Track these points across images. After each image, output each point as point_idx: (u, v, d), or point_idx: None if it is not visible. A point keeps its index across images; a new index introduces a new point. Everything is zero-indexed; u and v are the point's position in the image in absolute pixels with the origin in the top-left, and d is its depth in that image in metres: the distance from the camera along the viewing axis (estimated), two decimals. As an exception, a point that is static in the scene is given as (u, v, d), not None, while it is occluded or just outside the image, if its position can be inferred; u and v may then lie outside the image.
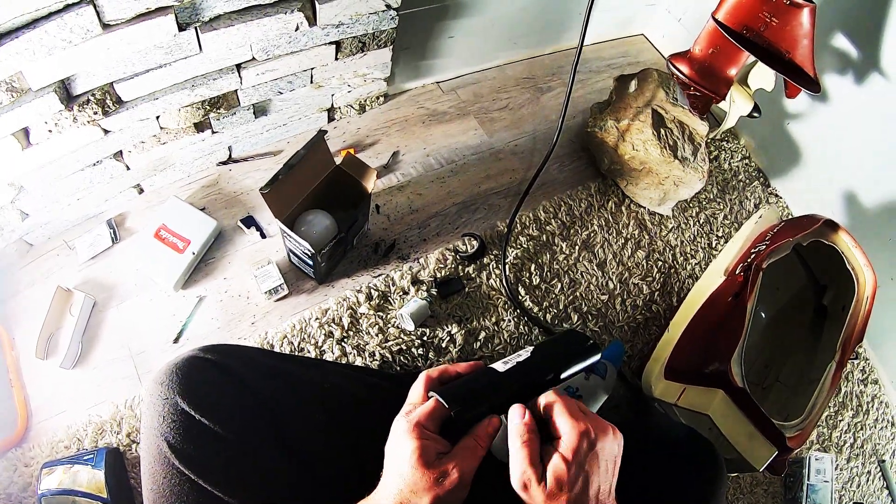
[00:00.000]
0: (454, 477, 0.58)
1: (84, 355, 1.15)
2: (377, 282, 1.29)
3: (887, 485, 1.58)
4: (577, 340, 0.71)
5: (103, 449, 1.03)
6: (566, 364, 0.68)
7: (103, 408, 1.11)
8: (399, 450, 0.60)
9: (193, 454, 0.70)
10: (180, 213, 1.26)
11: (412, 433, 0.59)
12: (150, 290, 1.23)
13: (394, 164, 1.46)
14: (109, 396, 1.12)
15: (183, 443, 0.70)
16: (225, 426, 0.72)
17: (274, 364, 0.84)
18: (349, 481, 0.79)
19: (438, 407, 0.62)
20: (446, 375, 0.68)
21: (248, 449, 0.73)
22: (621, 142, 1.45)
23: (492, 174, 1.51)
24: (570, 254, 1.43)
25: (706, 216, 1.61)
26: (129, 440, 1.08)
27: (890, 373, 1.66)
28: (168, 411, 0.71)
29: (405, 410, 0.64)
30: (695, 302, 1.30)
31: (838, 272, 1.31)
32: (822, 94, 1.49)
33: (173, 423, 0.71)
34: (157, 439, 0.71)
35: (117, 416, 1.10)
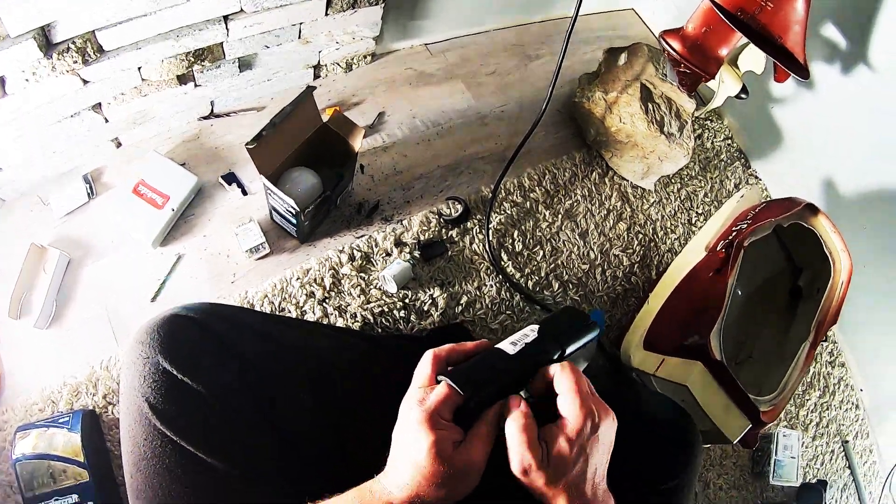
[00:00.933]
0: (471, 467, 0.58)
1: (58, 315, 1.12)
2: (360, 243, 1.28)
3: (850, 465, 1.63)
4: (579, 318, 0.70)
5: (79, 411, 1.00)
6: (570, 342, 0.67)
7: (79, 369, 1.08)
8: (414, 442, 0.58)
9: (175, 415, 0.68)
10: (160, 168, 1.23)
11: (427, 424, 0.58)
12: (127, 247, 1.19)
13: (379, 124, 1.44)
14: (85, 357, 1.09)
15: (164, 403, 0.68)
16: (207, 387, 0.70)
17: (257, 324, 0.82)
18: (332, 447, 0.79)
19: (451, 393, 0.60)
20: (454, 355, 0.66)
21: (232, 410, 0.71)
22: (608, 114, 1.45)
23: (477, 138, 1.50)
24: (552, 222, 1.44)
25: (687, 192, 1.63)
26: (105, 402, 1.06)
27: (857, 356, 1.72)
28: (149, 371, 0.69)
29: (417, 398, 0.61)
30: (676, 275, 1.32)
31: (815, 255, 1.34)
32: (809, 82, 1.50)
33: (154, 382, 0.69)
34: (138, 400, 0.68)
35: (93, 377, 1.07)
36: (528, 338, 0.66)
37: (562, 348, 0.66)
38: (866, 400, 1.72)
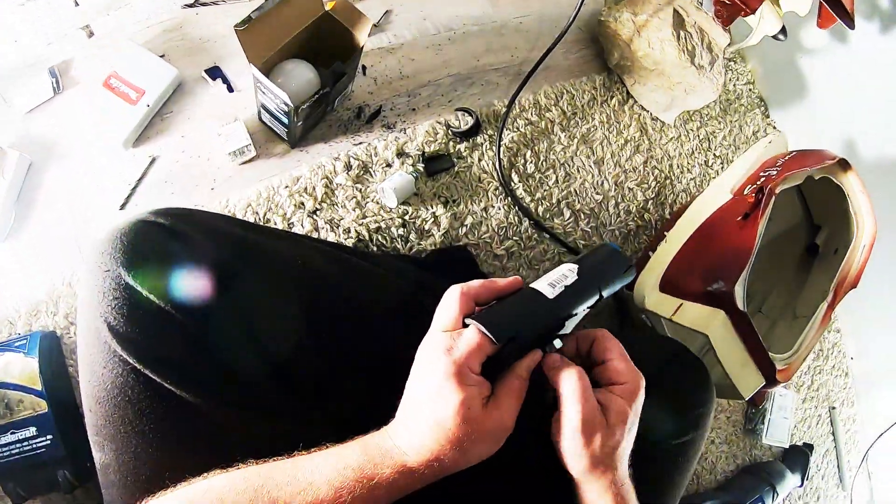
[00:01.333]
0: (500, 428, 0.53)
1: (17, 225, 1.01)
2: (358, 150, 1.17)
3: (833, 431, 1.63)
4: (619, 261, 0.66)
5: (38, 333, 0.91)
6: (609, 287, 0.63)
7: (39, 285, 0.98)
8: (439, 399, 0.51)
9: (139, 338, 0.57)
10: (135, 59, 1.10)
11: (455, 379, 0.51)
12: (96, 148, 1.07)
13: (385, 23, 1.31)
14: (46, 272, 0.99)
15: (126, 324, 0.57)
16: (179, 307, 0.58)
17: (238, 233, 0.69)
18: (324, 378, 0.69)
19: (484, 342, 0.53)
20: (484, 294, 0.58)
21: (206, 333, 0.60)
22: (636, 37, 1.34)
23: (493, 49, 1.38)
24: (567, 146, 1.34)
25: (706, 133, 1.54)
26: (67, 322, 0.96)
27: (852, 324, 1.69)
28: (109, 286, 0.58)
29: (444, 345, 0.53)
30: (697, 216, 1.24)
31: (837, 214, 1.28)
32: (844, 37, 1.41)
33: (115, 300, 0.57)
34: (96, 321, 0.58)
35: (54, 294, 0.97)
36: (567, 279, 0.60)
37: (600, 293, 0.62)
38: (856, 369, 1.71)
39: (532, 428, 0.58)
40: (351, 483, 0.50)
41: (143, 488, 0.57)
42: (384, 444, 0.53)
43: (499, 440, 0.53)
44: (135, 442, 0.57)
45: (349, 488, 0.49)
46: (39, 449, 0.84)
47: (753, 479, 1.39)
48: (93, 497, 0.90)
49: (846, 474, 1.63)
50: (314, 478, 0.50)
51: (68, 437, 0.86)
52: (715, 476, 1.41)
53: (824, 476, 1.60)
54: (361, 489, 0.50)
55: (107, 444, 0.58)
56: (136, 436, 0.57)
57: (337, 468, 0.51)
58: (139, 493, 0.56)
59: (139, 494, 0.56)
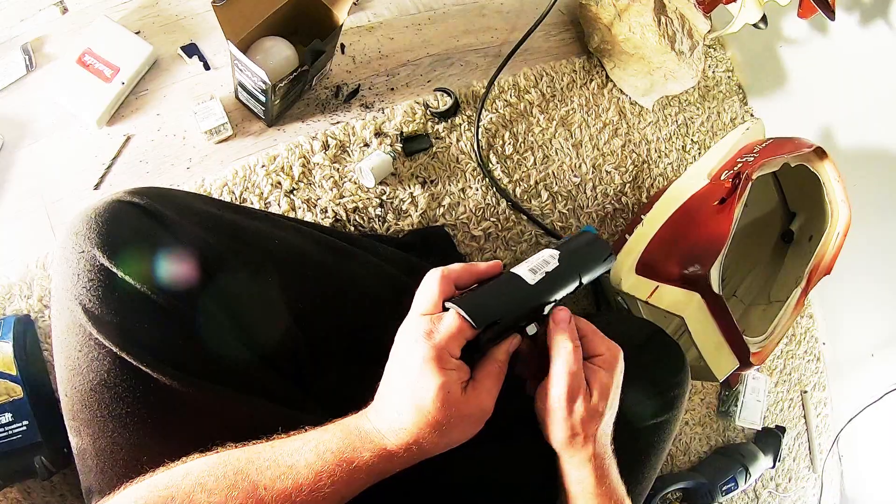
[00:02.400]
0: (479, 412, 0.53)
1: None
2: (335, 129, 1.15)
3: (805, 414, 1.66)
4: (600, 248, 0.66)
5: (11, 317, 0.90)
6: (589, 273, 0.64)
7: (11, 268, 0.97)
8: (419, 382, 0.51)
9: (114, 321, 0.56)
10: (110, 35, 1.07)
11: (435, 363, 0.51)
12: (69, 126, 1.06)
13: (365, 1, 1.29)
14: (18, 254, 0.98)
15: (102, 307, 0.56)
16: (155, 288, 0.58)
17: (215, 212, 0.68)
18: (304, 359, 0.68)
19: (464, 326, 0.53)
20: (464, 277, 0.58)
21: (184, 318, 0.59)
22: (617, 21, 1.34)
23: (473, 30, 1.37)
24: (546, 128, 1.34)
25: (684, 118, 1.55)
26: (41, 305, 0.95)
27: (824, 310, 1.72)
28: (84, 267, 0.57)
29: (423, 329, 0.53)
30: (674, 200, 1.24)
31: (812, 201, 1.29)
32: (824, 27, 1.42)
33: (90, 282, 0.56)
34: (71, 303, 0.57)
35: (28, 276, 0.96)
36: (548, 265, 0.60)
37: (580, 280, 0.63)
38: (827, 354, 1.73)
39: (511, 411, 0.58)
40: (331, 466, 0.50)
41: (120, 473, 0.56)
42: (364, 427, 0.53)
43: (478, 423, 0.54)
44: (111, 426, 0.56)
45: (329, 472, 0.49)
46: (15, 435, 0.82)
47: (726, 460, 1.41)
48: (70, 483, 0.89)
49: (817, 457, 1.66)
50: (294, 461, 0.50)
51: (45, 423, 0.84)
52: (689, 457, 1.42)
53: (795, 458, 1.62)
54: (341, 472, 0.50)
55: (83, 429, 0.57)
56: (112, 420, 0.56)
57: (317, 451, 0.51)
58: (117, 478, 0.56)
59: (117, 480, 0.55)
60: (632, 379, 0.77)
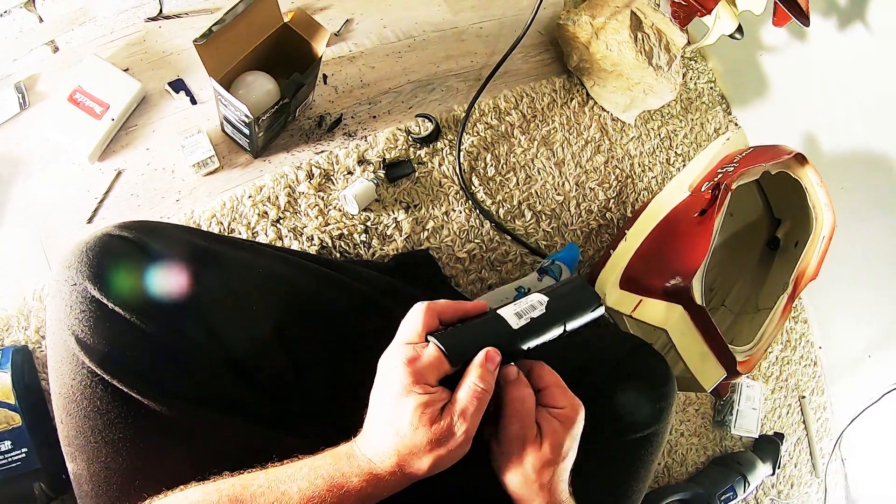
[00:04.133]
0: (460, 435, 0.53)
1: None
2: (319, 159, 1.18)
3: (804, 420, 1.65)
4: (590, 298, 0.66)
5: (9, 348, 0.92)
6: (574, 322, 0.63)
7: (9, 300, 0.99)
8: (398, 405, 0.52)
9: (106, 350, 0.59)
10: (100, 73, 1.10)
11: (411, 388, 0.52)
12: (62, 162, 1.08)
13: (346, 32, 1.32)
14: (15, 287, 1.00)
15: (94, 337, 0.59)
16: (144, 318, 0.60)
17: (201, 244, 0.71)
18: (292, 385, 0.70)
19: (441, 360, 0.54)
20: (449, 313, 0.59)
21: (173, 346, 0.62)
22: (594, 39, 1.35)
23: (452, 55, 1.39)
24: (528, 148, 1.35)
25: (667, 131, 1.56)
26: (38, 336, 0.97)
27: (819, 315, 1.71)
28: (76, 299, 0.60)
29: (403, 356, 0.54)
30: (656, 213, 1.25)
31: (797, 207, 1.30)
32: (802, 33, 1.43)
33: (82, 313, 0.59)
34: (64, 333, 0.59)
35: (25, 308, 0.98)
36: (534, 311, 0.61)
37: (565, 328, 0.62)
38: (824, 358, 1.72)
39: None
40: (322, 492, 0.51)
41: (114, 497, 0.58)
42: (352, 453, 0.54)
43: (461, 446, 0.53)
44: (105, 451, 0.58)
45: (320, 497, 0.51)
46: (14, 462, 0.84)
47: (724, 470, 1.40)
48: (69, 508, 0.91)
49: (819, 461, 1.65)
50: (287, 487, 0.52)
51: (43, 450, 0.86)
52: (686, 468, 1.42)
53: (797, 464, 1.62)
54: (332, 497, 0.51)
55: (78, 454, 0.60)
56: (105, 445, 0.58)
57: (309, 478, 0.52)
58: (111, 502, 0.58)
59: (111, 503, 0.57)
60: (616, 392, 0.79)
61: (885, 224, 1.41)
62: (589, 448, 0.73)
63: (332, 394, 0.72)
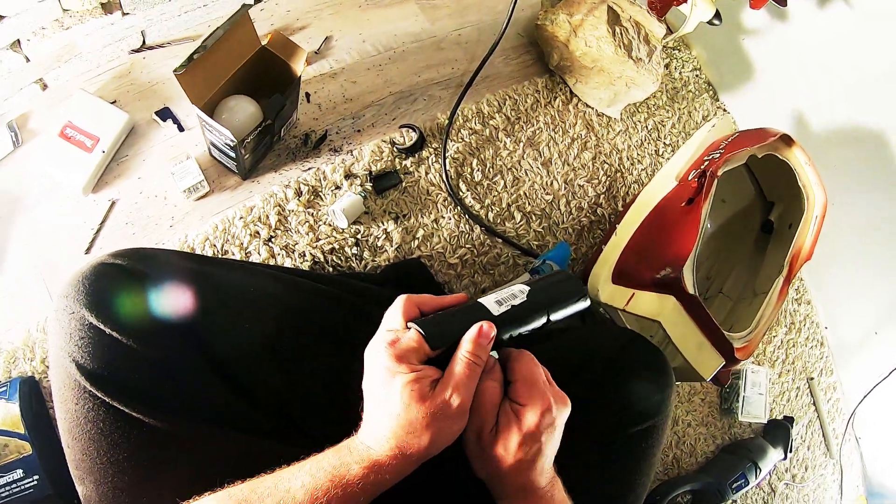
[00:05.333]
0: (455, 406, 0.53)
1: None
2: (307, 176, 1.19)
3: (814, 402, 1.64)
4: (573, 287, 0.66)
5: (17, 379, 0.94)
6: (558, 312, 0.64)
7: (14, 333, 1.01)
8: (384, 388, 0.53)
9: (105, 374, 0.61)
10: (88, 107, 1.12)
11: (398, 366, 0.53)
12: (57, 196, 1.10)
13: (326, 49, 1.33)
14: (19, 320, 1.02)
15: (93, 362, 0.61)
16: (141, 341, 0.62)
17: (194, 267, 0.73)
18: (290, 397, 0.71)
19: (421, 342, 0.55)
20: (427, 306, 0.60)
21: (170, 365, 0.64)
22: (573, 37, 1.36)
23: (433, 64, 1.40)
24: (514, 150, 1.36)
25: (654, 122, 1.56)
26: (44, 366, 0.99)
27: (822, 295, 1.70)
28: (74, 327, 0.62)
29: (385, 340, 0.55)
30: (645, 205, 1.26)
31: (788, 189, 1.30)
32: (783, 13, 1.43)
33: (81, 340, 0.61)
34: (65, 360, 0.61)
35: (29, 340, 1.00)
36: (515, 299, 0.62)
37: (548, 317, 0.63)
38: (830, 338, 1.71)
39: None
40: (325, 484, 0.52)
41: None
42: (352, 444, 0.55)
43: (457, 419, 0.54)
44: (111, 472, 0.60)
45: (324, 490, 0.51)
46: (28, 490, 0.87)
47: (734, 458, 1.39)
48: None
49: (832, 442, 1.64)
50: (291, 484, 0.53)
51: (54, 476, 0.88)
52: (696, 458, 1.42)
53: (810, 446, 1.60)
54: (335, 489, 0.51)
55: (87, 477, 0.61)
56: (111, 466, 0.60)
57: (311, 473, 0.53)
58: None
59: None
60: (613, 386, 0.79)
61: (877, 199, 1.40)
62: (590, 443, 0.74)
63: (330, 403, 0.73)
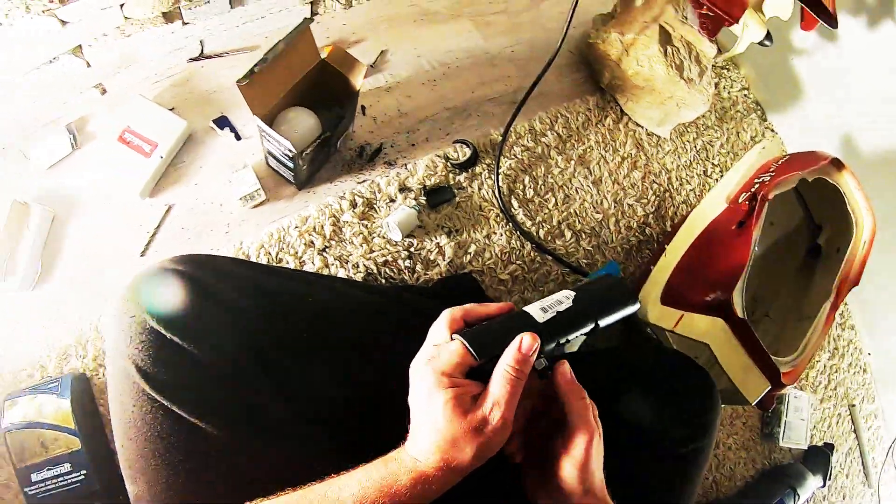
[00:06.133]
0: (497, 420, 0.54)
1: (44, 274, 1.06)
2: (362, 188, 1.21)
3: (855, 429, 1.62)
4: (621, 291, 0.66)
5: (69, 376, 0.95)
6: (605, 316, 0.63)
7: (67, 331, 1.02)
8: (430, 402, 0.54)
9: (165, 378, 0.62)
10: (146, 113, 1.15)
11: (440, 381, 0.54)
12: (114, 199, 1.12)
13: (381, 63, 1.35)
14: (73, 318, 1.04)
15: (153, 365, 0.62)
16: (200, 346, 0.64)
17: (252, 276, 0.75)
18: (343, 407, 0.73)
19: (465, 354, 0.56)
20: (472, 315, 0.61)
21: (227, 371, 0.65)
22: (625, 56, 1.37)
23: (486, 80, 1.41)
24: (565, 168, 1.37)
25: (703, 143, 1.56)
26: (96, 364, 1.00)
27: (866, 320, 1.68)
28: (136, 331, 0.63)
29: (427, 356, 0.57)
30: (695, 227, 1.26)
31: (836, 213, 1.28)
32: (833, 34, 1.42)
33: (142, 343, 0.63)
34: (125, 362, 0.63)
35: (82, 338, 1.01)
36: (560, 305, 0.61)
37: (596, 322, 0.62)
38: (874, 365, 1.69)
39: None
40: (373, 494, 0.53)
41: None
42: (400, 456, 0.56)
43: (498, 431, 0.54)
44: (165, 473, 0.62)
45: (372, 500, 0.53)
46: (74, 484, 0.89)
47: (773, 483, 1.38)
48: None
49: (871, 471, 1.62)
50: (341, 494, 0.54)
51: (101, 472, 0.90)
52: (735, 482, 1.40)
53: (849, 474, 1.58)
54: (383, 498, 0.52)
55: (139, 476, 0.63)
56: (165, 468, 0.62)
57: (360, 483, 0.54)
58: None
59: None
60: (659, 408, 0.79)
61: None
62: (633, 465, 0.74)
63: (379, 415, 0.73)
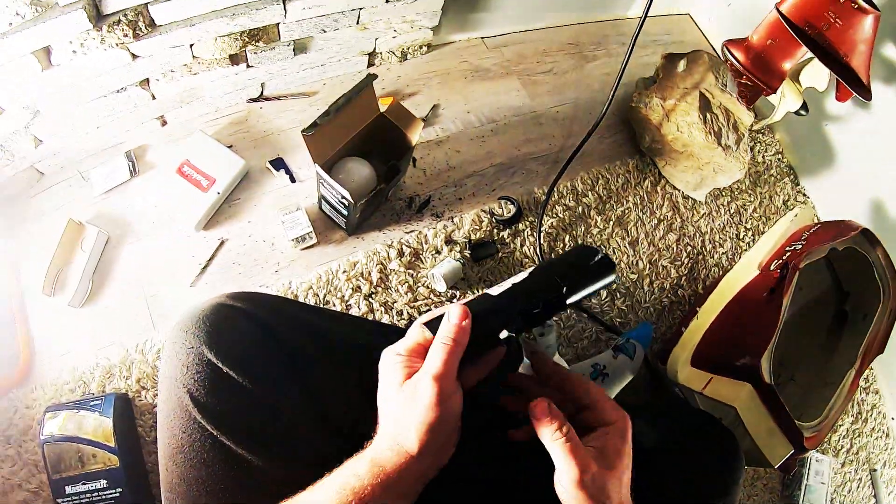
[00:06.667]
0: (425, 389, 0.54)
1: (94, 294, 1.10)
2: (409, 238, 1.26)
3: (875, 494, 1.61)
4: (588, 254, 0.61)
5: (112, 395, 0.98)
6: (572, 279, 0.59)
7: (112, 350, 1.06)
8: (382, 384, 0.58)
9: (218, 409, 0.65)
10: (206, 149, 1.20)
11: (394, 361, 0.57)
12: (168, 228, 1.17)
13: (433, 117, 1.42)
14: (119, 339, 1.07)
15: (207, 396, 0.65)
16: (253, 381, 0.67)
17: (303, 316, 0.78)
18: None
19: (422, 336, 0.58)
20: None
21: (277, 406, 0.68)
22: (665, 121, 1.42)
23: (532, 138, 1.47)
24: (603, 228, 1.41)
25: (737, 206, 1.60)
26: (138, 386, 1.03)
27: (891, 385, 1.68)
28: (192, 361, 0.66)
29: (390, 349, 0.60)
30: (727, 292, 1.29)
31: (864, 280, 1.31)
32: (867, 104, 1.46)
33: (198, 374, 0.66)
34: (179, 390, 0.66)
35: (127, 360, 1.05)
36: (516, 279, 0.61)
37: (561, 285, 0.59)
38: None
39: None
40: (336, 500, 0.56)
41: None
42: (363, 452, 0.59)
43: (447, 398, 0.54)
44: (205, 500, 0.65)
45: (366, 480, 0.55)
46: (109, 500, 0.92)
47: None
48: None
49: (891, 537, 1.62)
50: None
51: (136, 491, 0.94)
52: (754, 543, 1.41)
53: (869, 540, 1.59)
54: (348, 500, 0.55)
55: (179, 500, 0.66)
56: (207, 495, 0.65)
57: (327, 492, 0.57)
58: None
59: None
60: (685, 466, 0.81)
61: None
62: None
63: None
